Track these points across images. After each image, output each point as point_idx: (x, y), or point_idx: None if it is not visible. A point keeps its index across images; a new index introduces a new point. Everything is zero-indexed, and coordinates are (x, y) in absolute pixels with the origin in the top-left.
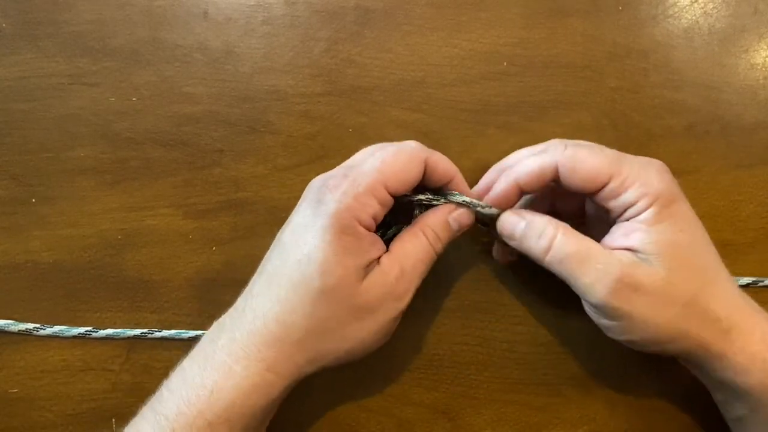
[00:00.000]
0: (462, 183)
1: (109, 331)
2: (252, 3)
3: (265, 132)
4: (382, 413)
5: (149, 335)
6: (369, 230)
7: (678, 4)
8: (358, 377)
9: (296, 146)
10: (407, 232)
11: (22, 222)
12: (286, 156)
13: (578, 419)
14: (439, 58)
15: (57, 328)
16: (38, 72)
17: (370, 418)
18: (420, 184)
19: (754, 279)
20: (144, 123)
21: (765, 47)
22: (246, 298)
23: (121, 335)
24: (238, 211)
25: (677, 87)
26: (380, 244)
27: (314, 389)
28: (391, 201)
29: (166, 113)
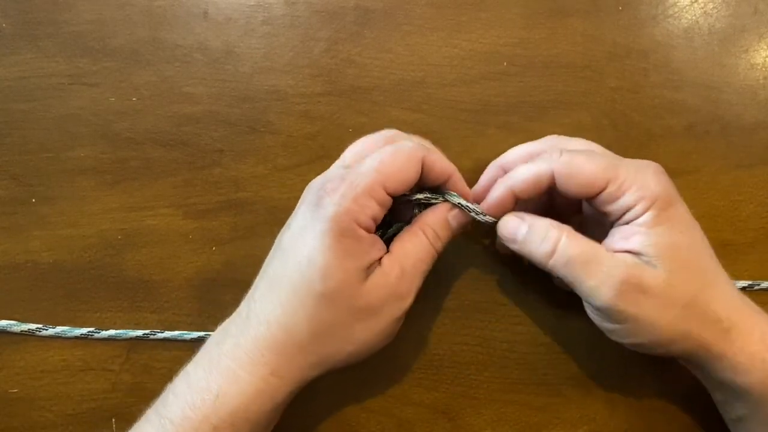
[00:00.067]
0: (459, 181)
1: (111, 332)
2: (252, 3)
3: (265, 132)
4: (383, 413)
5: (151, 336)
6: (369, 231)
7: (678, 4)
8: (358, 377)
9: (296, 146)
10: (407, 232)
11: (22, 222)
12: (286, 156)
13: (578, 419)
14: (439, 58)
15: (59, 329)
16: (38, 72)
17: (371, 418)
18: (418, 183)
19: (751, 282)
20: (144, 123)
21: (765, 47)
22: (249, 303)
23: (123, 336)
24: (238, 211)
25: (677, 87)
26: (380, 245)
27: (315, 389)
28: (390, 201)
29: (166, 113)
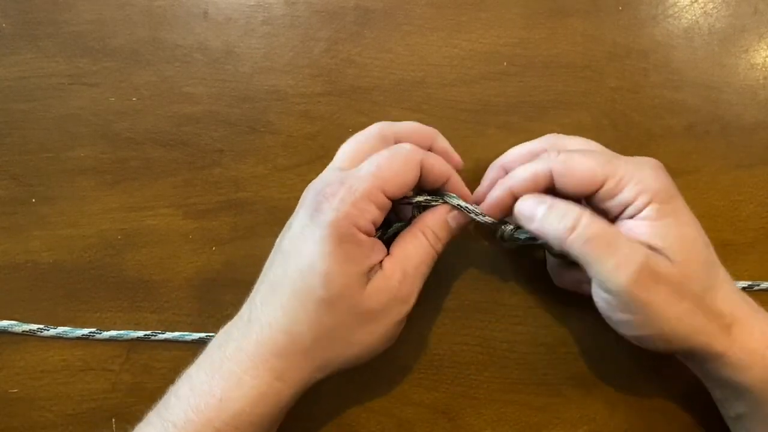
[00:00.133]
0: (458, 182)
1: (113, 333)
2: (252, 3)
3: (265, 132)
4: (383, 413)
5: (152, 337)
6: (369, 235)
7: (678, 4)
8: (359, 378)
9: (296, 146)
10: (407, 234)
11: (22, 222)
12: (286, 156)
13: (578, 419)
14: (439, 58)
15: (60, 329)
16: (38, 72)
17: (371, 418)
18: (417, 186)
19: (751, 283)
20: (144, 123)
21: (765, 47)
22: (251, 307)
23: (125, 337)
24: (238, 211)
25: (677, 87)
26: (381, 248)
27: (315, 390)
28: (390, 204)
29: (166, 113)
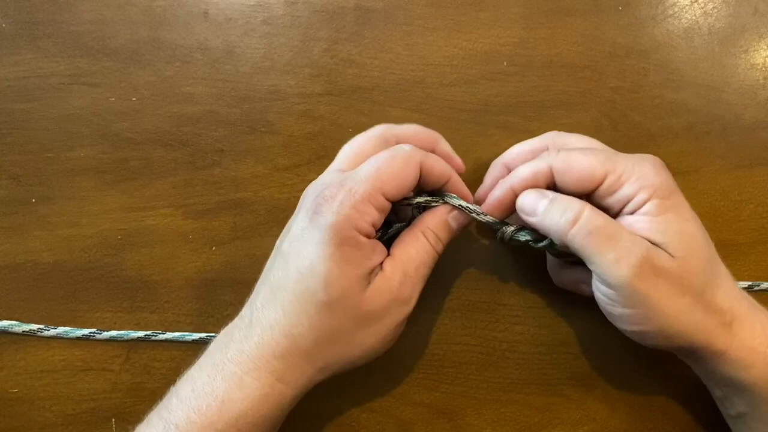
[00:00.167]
0: (458, 183)
1: (113, 333)
2: (252, 3)
3: (265, 132)
4: (383, 413)
5: (153, 337)
6: (369, 237)
7: (678, 4)
8: (359, 378)
9: (296, 146)
10: (407, 235)
11: (22, 222)
12: (286, 156)
13: (578, 419)
14: (439, 58)
15: (61, 330)
16: (38, 72)
17: (371, 418)
18: (417, 187)
19: (751, 283)
20: (144, 123)
21: (765, 47)
22: (252, 309)
23: (125, 337)
24: (238, 211)
25: (677, 87)
26: (381, 249)
27: (315, 390)
28: (389, 206)
29: (166, 113)
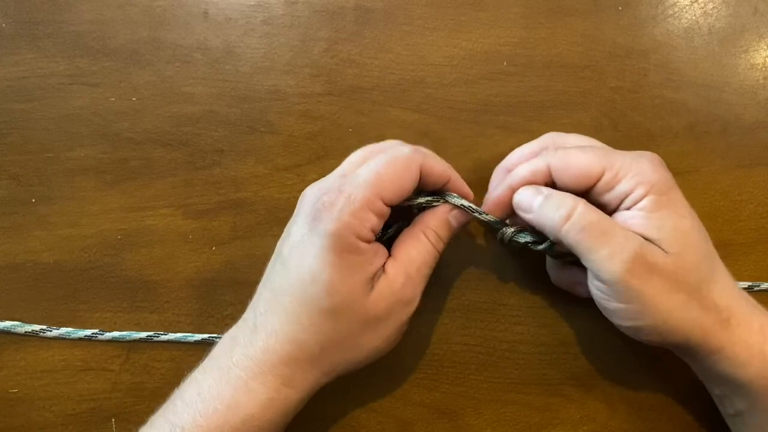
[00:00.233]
0: (459, 182)
1: (115, 334)
2: (252, 3)
3: (265, 132)
4: (383, 413)
5: (155, 338)
6: (369, 242)
7: (678, 4)
8: (359, 377)
9: (296, 146)
10: (409, 236)
11: (22, 222)
12: (286, 156)
13: (578, 419)
14: (439, 58)
15: (63, 330)
16: (38, 72)
17: (371, 418)
18: (417, 187)
19: (751, 284)
20: (144, 123)
21: (765, 47)
22: (255, 314)
23: (127, 338)
24: (238, 211)
25: (677, 87)
26: (382, 251)
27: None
28: (388, 211)
29: (166, 113)
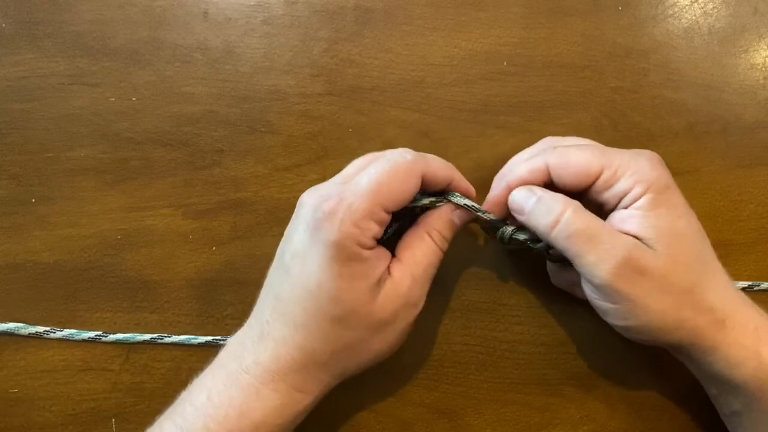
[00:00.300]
0: (461, 182)
1: (119, 336)
2: (252, 3)
3: (265, 132)
4: (383, 413)
5: (159, 341)
6: (371, 248)
7: (678, 4)
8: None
9: (296, 146)
10: (413, 237)
11: (22, 222)
12: (286, 156)
13: (578, 419)
14: (439, 58)
15: (66, 332)
16: (38, 72)
17: (371, 418)
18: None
19: (751, 283)
20: (144, 123)
21: (765, 47)
22: (260, 322)
23: (131, 340)
24: (238, 211)
25: (677, 87)
26: (385, 255)
27: None
28: (389, 217)
29: (166, 113)
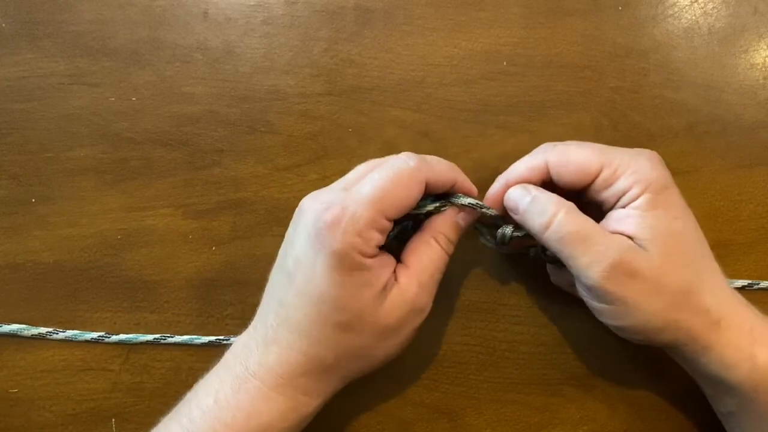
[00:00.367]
0: (465, 182)
1: (122, 337)
2: (252, 3)
3: (265, 132)
4: (383, 413)
5: (161, 341)
6: (374, 256)
7: (678, 4)
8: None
9: (296, 146)
10: (419, 242)
11: (22, 222)
12: (286, 156)
13: (578, 419)
14: (439, 58)
15: (69, 333)
16: (38, 72)
17: (371, 418)
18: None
19: (750, 282)
20: (144, 123)
21: (765, 47)
22: (265, 326)
23: (133, 341)
24: (238, 211)
25: (677, 87)
26: (389, 261)
27: None
28: (392, 225)
29: (166, 113)
